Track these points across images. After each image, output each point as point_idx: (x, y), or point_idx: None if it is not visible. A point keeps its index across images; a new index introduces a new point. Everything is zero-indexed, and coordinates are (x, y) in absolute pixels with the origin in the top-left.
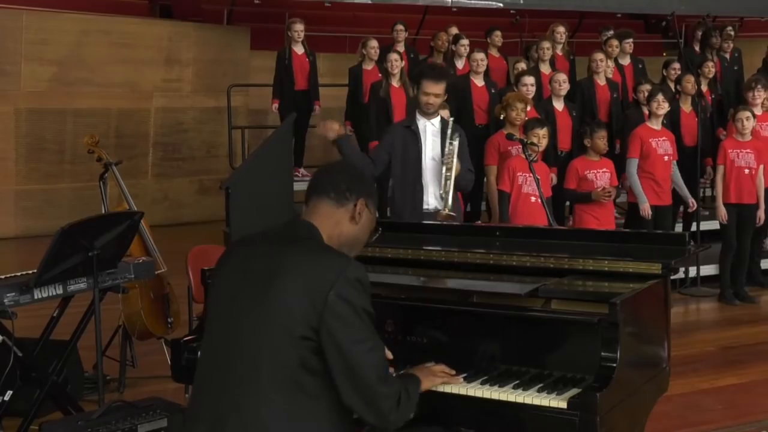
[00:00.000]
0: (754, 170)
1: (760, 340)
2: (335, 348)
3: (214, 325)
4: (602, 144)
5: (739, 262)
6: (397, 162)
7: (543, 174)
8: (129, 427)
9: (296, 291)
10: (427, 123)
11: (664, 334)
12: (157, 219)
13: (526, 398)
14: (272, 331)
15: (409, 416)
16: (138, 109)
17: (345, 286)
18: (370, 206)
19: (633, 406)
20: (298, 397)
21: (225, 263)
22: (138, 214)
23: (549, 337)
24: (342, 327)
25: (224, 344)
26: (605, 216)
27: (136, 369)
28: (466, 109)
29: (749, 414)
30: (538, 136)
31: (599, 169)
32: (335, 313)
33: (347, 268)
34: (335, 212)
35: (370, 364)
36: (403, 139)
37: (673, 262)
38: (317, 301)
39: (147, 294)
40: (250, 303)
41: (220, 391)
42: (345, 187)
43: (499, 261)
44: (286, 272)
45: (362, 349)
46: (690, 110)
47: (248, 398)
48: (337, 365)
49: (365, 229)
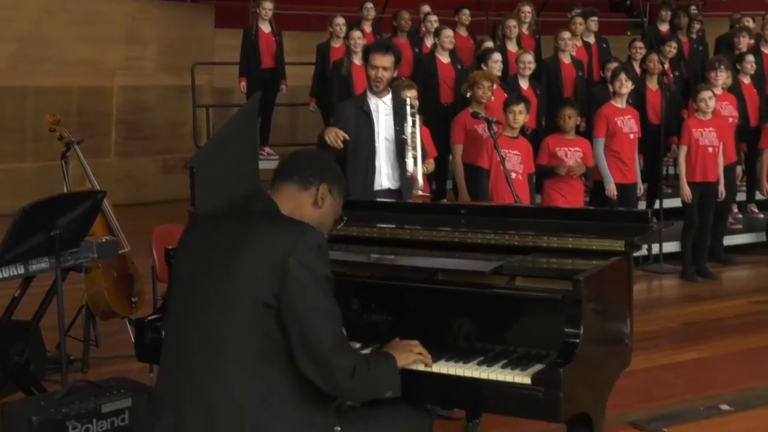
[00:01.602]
0: (717, 148)
1: (721, 315)
2: (292, 313)
3: (178, 302)
4: (569, 122)
5: (701, 239)
6: (350, 142)
7: (524, 149)
8: (93, 407)
9: (257, 260)
10: (379, 102)
11: (626, 310)
12: (121, 198)
13: (490, 374)
14: (235, 302)
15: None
16: (100, 87)
17: (305, 251)
18: (334, 193)
19: (596, 381)
20: (263, 367)
21: (186, 240)
22: (100, 193)
23: (513, 314)
24: (300, 292)
25: (189, 320)
26: (573, 194)
27: (99, 349)
28: (432, 87)
29: (709, 388)
30: (514, 113)
31: (571, 148)
32: (294, 278)
33: (307, 234)
34: (298, 195)
35: (324, 331)
36: (355, 119)
37: (636, 239)
38: (278, 267)
39: (110, 273)
40: (213, 277)
41: (186, 367)
42: (309, 172)
43: (464, 239)
44: (246, 243)
45: (318, 317)
46: (656, 88)
47: (214, 372)
48: (294, 331)
49: (329, 215)
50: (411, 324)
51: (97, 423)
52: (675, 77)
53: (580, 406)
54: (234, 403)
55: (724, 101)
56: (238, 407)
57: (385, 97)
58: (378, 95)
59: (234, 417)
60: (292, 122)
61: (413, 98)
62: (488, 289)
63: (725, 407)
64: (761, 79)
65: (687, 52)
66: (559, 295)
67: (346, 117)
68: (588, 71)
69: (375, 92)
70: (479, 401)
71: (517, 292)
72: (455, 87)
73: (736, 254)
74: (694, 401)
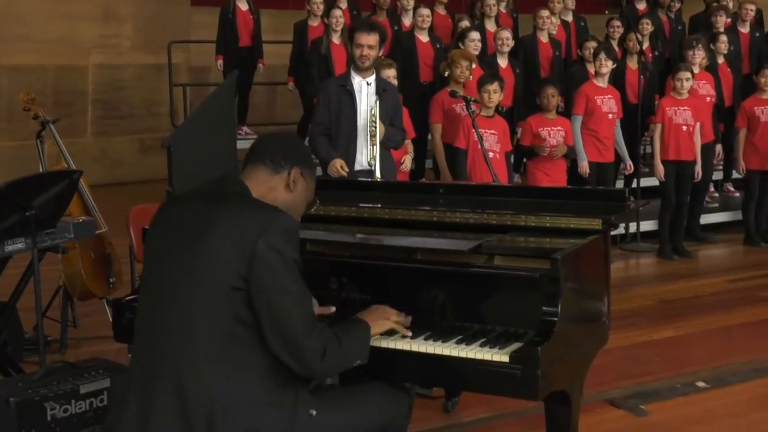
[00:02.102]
0: (692, 127)
1: (697, 293)
2: (262, 297)
3: (149, 282)
4: (551, 101)
5: (678, 217)
6: (332, 120)
7: (501, 128)
8: (71, 388)
9: (226, 243)
10: (362, 82)
11: (604, 288)
12: (97, 178)
13: (468, 353)
14: (205, 285)
15: (347, 365)
16: (75, 65)
17: (274, 235)
18: (306, 176)
19: (573, 359)
20: (233, 349)
21: (159, 220)
22: (77, 173)
23: (492, 293)
24: (269, 276)
25: (159, 300)
26: (557, 173)
27: (77, 330)
28: (411, 66)
29: (685, 365)
30: (489, 92)
31: (553, 127)
32: (264, 262)
33: (276, 219)
34: (270, 179)
35: (294, 314)
36: (338, 97)
37: (613, 218)
38: (246, 250)
39: (87, 254)
40: (183, 258)
41: (156, 348)
42: (281, 155)
43: (442, 218)
44: (216, 225)
45: (287, 300)
46: (635, 68)
47: (184, 353)
48: (264, 315)
49: (301, 199)
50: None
51: (75, 404)
52: (654, 56)
53: (558, 384)
54: (203, 385)
55: (701, 80)
56: (207, 389)
57: (369, 77)
58: (362, 74)
59: (204, 399)
60: (270, 101)
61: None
62: (467, 268)
63: (701, 384)
64: (737, 58)
65: (667, 31)
66: (537, 273)
67: (329, 94)
68: (566, 50)
69: (360, 70)
70: (458, 379)
71: (495, 271)
72: (434, 66)
73: (713, 233)
74: (671, 378)
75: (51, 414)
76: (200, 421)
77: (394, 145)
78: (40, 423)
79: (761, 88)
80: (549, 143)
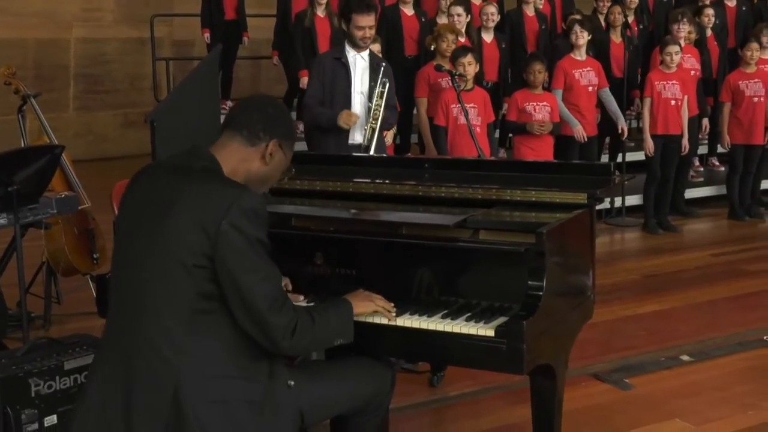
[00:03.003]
0: (680, 101)
1: (682, 267)
2: (228, 277)
3: (118, 256)
4: (538, 77)
5: (663, 192)
6: (326, 94)
7: (480, 100)
8: (55, 364)
9: (190, 220)
10: (357, 56)
11: (589, 263)
12: (80, 153)
13: (454, 327)
14: (168, 261)
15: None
16: (57, 39)
17: (238, 215)
18: (284, 148)
19: (559, 333)
20: (200, 324)
21: (128, 195)
22: (58, 148)
23: (477, 268)
24: (234, 256)
25: (126, 276)
26: (543, 149)
27: (61, 306)
28: (396, 40)
29: (670, 339)
30: (464, 65)
31: (539, 102)
32: (228, 242)
33: (241, 198)
34: (245, 150)
35: (260, 294)
36: (332, 71)
37: (598, 192)
38: (210, 230)
39: (71, 229)
40: (148, 233)
41: (125, 324)
42: (260, 127)
43: (427, 193)
44: (180, 202)
45: (253, 279)
46: (620, 41)
47: (149, 329)
48: (231, 294)
49: (276, 170)
50: (375, 278)
51: (60, 380)
52: (639, 30)
53: (543, 358)
54: (170, 359)
55: (686, 54)
56: (174, 364)
57: (364, 52)
58: (357, 49)
59: (171, 373)
60: (254, 76)
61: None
62: (452, 242)
63: (686, 358)
64: (723, 32)
65: (652, 3)
66: (522, 248)
67: (323, 67)
68: (551, 24)
69: (357, 47)
70: (443, 354)
71: (480, 245)
72: (419, 40)
73: (697, 207)
74: (656, 352)
75: (35, 390)
76: (167, 394)
77: (388, 126)
78: (24, 399)
79: (746, 62)
80: (535, 118)
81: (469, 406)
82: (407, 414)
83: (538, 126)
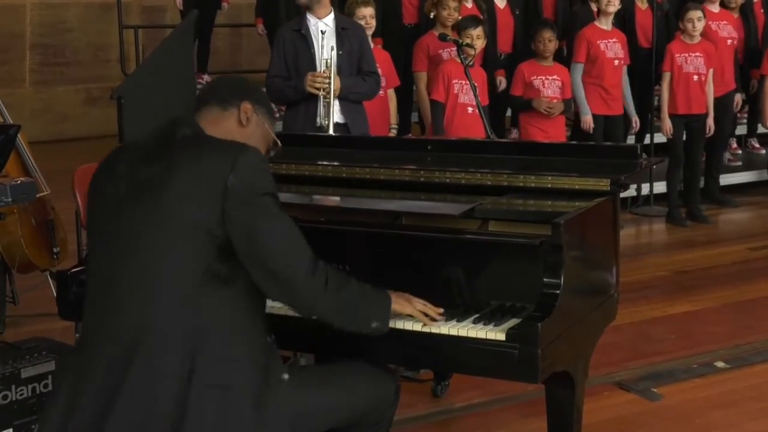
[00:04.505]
0: (704, 76)
1: (715, 263)
2: (243, 237)
3: (99, 244)
4: (548, 46)
5: (692, 177)
6: (290, 70)
7: (480, 81)
8: (11, 372)
9: (191, 188)
10: (318, 23)
11: (612, 257)
12: (38, 134)
13: (460, 330)
14: (169, 237)
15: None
16: (11, 4)
17: (243, 169)
18: (259, 113)
19: (578, 336)
20: (209, 305)
21: (103, 176)
22: (14, 128)
23: (486, 263)
24: (246, 212)
25: (115, 259)
26: (554, 129)
27: (17, 306)
28: (393, 6)
29: (703, 344)
30: (472, 37)
31: (549, 76)
32: (237, 199)
33: (242, 153)
34: (221, 116)
35: (281, 250)
36: (293, 45)
37: (623, 178)
38: (216, 191)
39: (27, 220)
40: (143, 209)
41: (116, 310)
42: (228, 91)
43: (430, 178)
44: (176, 172)
45: (273, 229)
46: (646, 7)
47: (147, 310)
48: (249, 257)
49: (257, 136)
50: (371, 275)
51: (16, 389)
52: None
53: (560, 365)
54: (174, 344)
55: (722, 21)
56: (178, 339)
57: (327, 17)
58: (317, 15)
59: (175, 352)
60: (234, 46)
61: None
62: (458, 234)
63: (720, 364)
64: None
65: None
66: (536, 240)
67: (283, 41)
68: None
69: (314, 12)
70: (448, 360)
71: (490, 237)
72: (419, 6)
73: (734, 195)
74: (687, 358)
75: None
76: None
77: (358, 96)
78: None
79: None
80: (544, 94)
81: (477, 418)
82: (407, 427)
83: (546, 105)
